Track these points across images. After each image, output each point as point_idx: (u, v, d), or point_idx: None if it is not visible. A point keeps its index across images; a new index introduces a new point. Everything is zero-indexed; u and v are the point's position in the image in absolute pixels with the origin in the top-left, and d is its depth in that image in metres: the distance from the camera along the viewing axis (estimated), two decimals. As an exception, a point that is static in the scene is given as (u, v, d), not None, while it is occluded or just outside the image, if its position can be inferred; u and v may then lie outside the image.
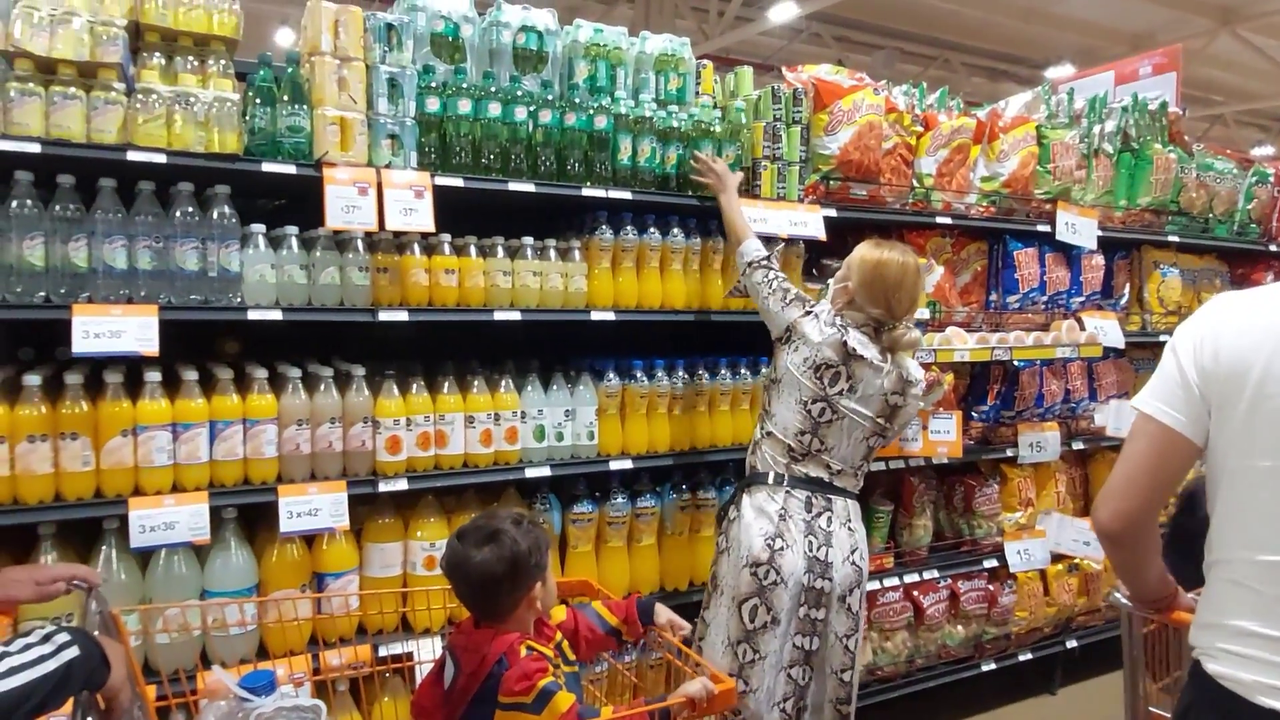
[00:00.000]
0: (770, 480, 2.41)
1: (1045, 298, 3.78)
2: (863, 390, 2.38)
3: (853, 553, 2.41)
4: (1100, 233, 3.83)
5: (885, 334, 2.40)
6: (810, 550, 2.35)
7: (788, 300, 2.49)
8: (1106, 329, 3.83)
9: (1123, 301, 4.17)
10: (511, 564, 1.66)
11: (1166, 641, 1.95)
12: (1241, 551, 1.37)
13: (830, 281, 2.59)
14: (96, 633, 1.49)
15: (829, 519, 2.39)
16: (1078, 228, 3.74)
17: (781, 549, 2.33)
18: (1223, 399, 1.37)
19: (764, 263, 2.59)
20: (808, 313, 2.44)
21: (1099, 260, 3.96)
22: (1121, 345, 3.91)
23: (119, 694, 1.39)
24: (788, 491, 2.39)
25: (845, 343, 2.36)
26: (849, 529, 2.43)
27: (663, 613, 1.95)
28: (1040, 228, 3.69)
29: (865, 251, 2.43)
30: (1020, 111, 3.87)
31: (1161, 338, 4.08)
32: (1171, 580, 1.67)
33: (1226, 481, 1.40)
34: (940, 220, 3.42)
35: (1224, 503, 1.41)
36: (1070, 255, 3.87)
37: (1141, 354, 4.31)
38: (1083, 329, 3.73)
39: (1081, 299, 3.92)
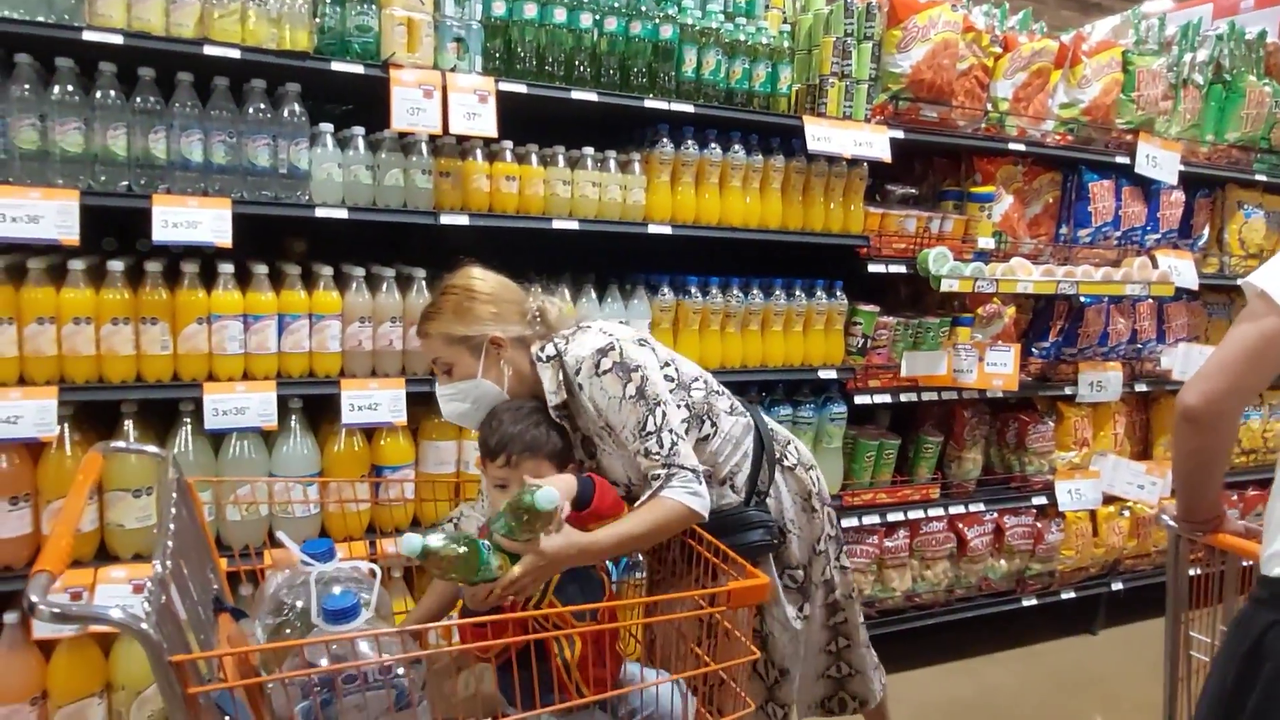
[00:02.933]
0: None
1: (1119, 233, 3.66)
2: None
3: None
4: (1182, 168, 3.66)
5: (549, 327, 1.87)
6: None
7: (658, 387, 1.76)
8: (1181, 269, 3.70)
9: (1201, 241, 4.01)
10: None
11: (1213, 583, 1.92)
12: None
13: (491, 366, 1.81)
14: (174, 495, 1.59)
15: None
16: (1159, 161, 3.58)
17: None
18: None
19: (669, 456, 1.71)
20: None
21: (1179, 197, 3.79)
22: (1195, 286, 3.77)
23: None
24: None
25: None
26: None
27: None
28: (1119, 159, 3.54)
29: (456, 319, 1.80)
30: (1107, 36, 3.68)
31: (1239, 281, 3.94)
32: (1222, 502, 1.66)
33: None
34: (1013, 147, 3.31)
35: None
36: (1149, 190, 3.72)
37: (1217, 298, 4.15)
38: (1156, 267, 3.60)
39: (1157, 236, 3.77)
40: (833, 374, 3.10)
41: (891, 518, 3.30)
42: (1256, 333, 1.40)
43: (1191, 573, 1.93)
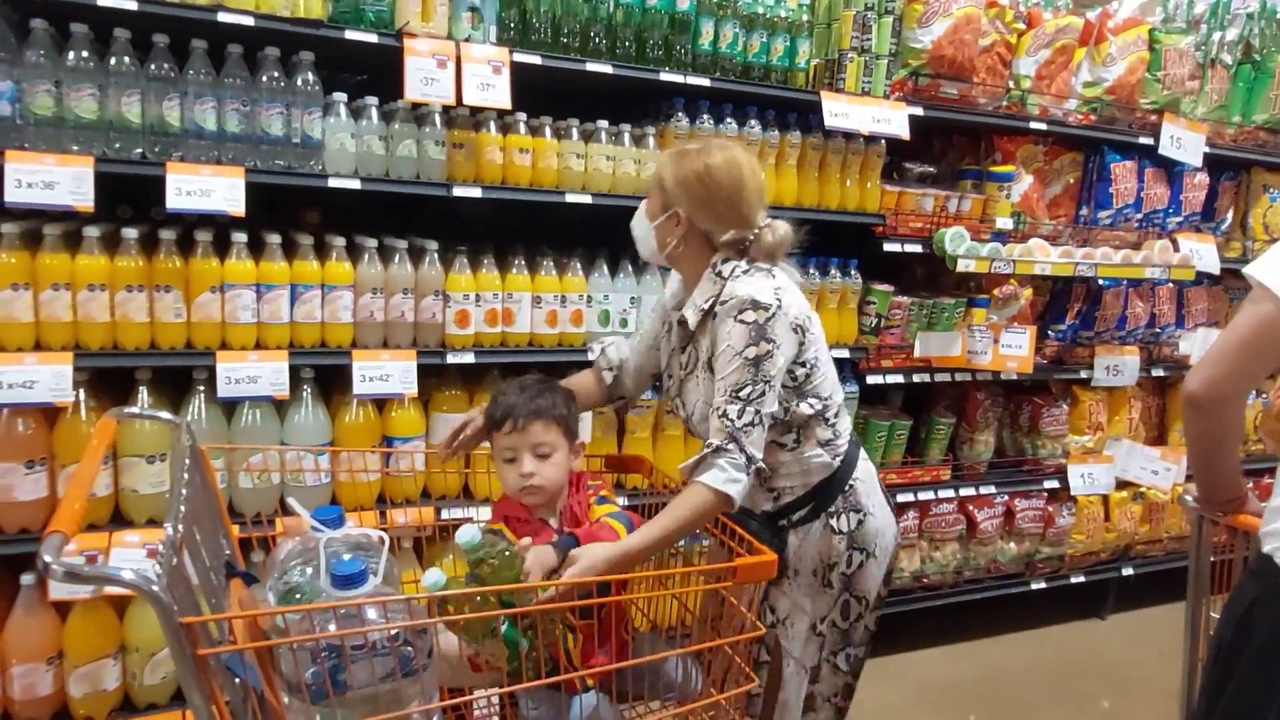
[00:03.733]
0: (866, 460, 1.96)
1: (1140, 215, 3.61)
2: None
3: None
4: (1207, 150, 3.60)
5: (753, 249, 1.79)
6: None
7: (775, 369, 1.69)
8: (1202, 252, 3.64)
9: (1224, 225, 3.95)
10: None
11: (1235, 568, 1.92)
12: None
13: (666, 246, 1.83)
14: (186, 461, 1.60)
15: None
16: (1183, 142, 3.52)
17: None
18: None
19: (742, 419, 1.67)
20: (772, 341, 1.69)
21: (1202, 179, 3.73)
22: (1217, 271, 3.72)
23: None
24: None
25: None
26: None
27: None
28: (1142, 140, 3.49)
29: (674, 170, 1.78)
30: (1134, 13, 3.60)
31: (1243, 270, 3.87)
32: (1243, 483, 1.66)
33: None
34: (1034, 126, 3.26)
35: None
36: (1172, 172, 3.66)
37: (1238, 283, 4.08)
38: (1177, 250, 3.55)
39: (1179, 219, 3.72)
40: (845, 353, 3.08)
41: (901, 498, 3.29)
42: (1255, 320, 1.44)
43: (1211, 558, 1.93)
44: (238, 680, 1.29)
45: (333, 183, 2.35)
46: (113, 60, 2.14)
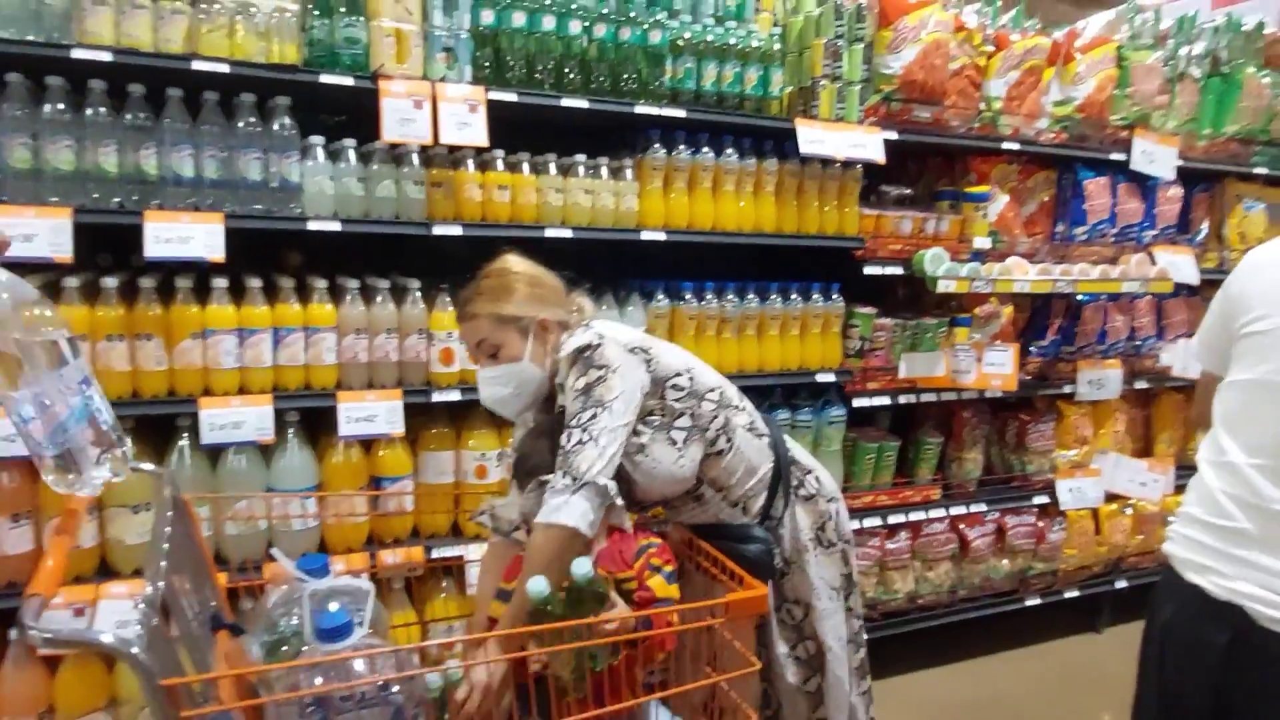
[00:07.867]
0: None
1: (1115, 230, 3.65)
2: None
3: None
4: (1180, 163, 3.65)
5: (573, 320, 1.84)
6: None
7: (611, 393, 1.64)
8: (1180, 265, 3.68)
9: (1200, 236, 3.99)
10: None
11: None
12: (1205, 453, 1.66)
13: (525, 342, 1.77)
14: (169, 513, 1.59)
15: None
16: (1155, 156, 3.57)
17: None
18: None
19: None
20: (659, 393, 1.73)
21: (1176, 192, 3.78)
22: (1195, 282, 3.75)
23: None
24: None
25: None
26: None
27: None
28: (1114, 156, 3.53)
29: (501, 297, 1.77)
30: (1101, 32, 3.67)
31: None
32: None
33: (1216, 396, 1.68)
34: (1007, 146, 3.30)
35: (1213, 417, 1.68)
36: (1145, 186, 3.71)
37: (1214, 293, 4.13)
38: (1154, 264, 3.59)
39: (1154, 232, 3.76)
40: (831, 377, 3.10)
41: (893, 520, 3.29)
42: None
43: None
44: (224, 738, 1.27)
45: (312, 225, 2.36)
46: (89, 111, 2.15)
